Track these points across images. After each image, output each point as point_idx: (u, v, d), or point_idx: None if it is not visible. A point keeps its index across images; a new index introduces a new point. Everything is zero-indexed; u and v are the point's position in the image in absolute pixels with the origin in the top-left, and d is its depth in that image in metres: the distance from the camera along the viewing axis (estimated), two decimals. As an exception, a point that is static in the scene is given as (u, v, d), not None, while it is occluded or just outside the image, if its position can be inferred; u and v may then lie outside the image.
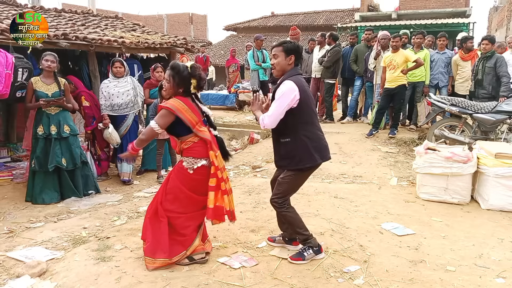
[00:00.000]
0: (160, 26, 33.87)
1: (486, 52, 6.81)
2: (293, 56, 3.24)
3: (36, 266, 3.27)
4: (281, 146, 3.28)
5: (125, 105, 6.12)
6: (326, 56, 8.53)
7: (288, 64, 3.25)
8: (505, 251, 3.57)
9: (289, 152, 3.24)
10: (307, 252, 3.38)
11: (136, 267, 3.27)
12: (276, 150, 3.36)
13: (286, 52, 3.22)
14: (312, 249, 3.38)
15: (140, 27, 8.88)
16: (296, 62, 3.28)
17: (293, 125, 3.19)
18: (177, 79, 3.25)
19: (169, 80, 3.27)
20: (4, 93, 4.98)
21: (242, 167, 6.72)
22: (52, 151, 5.26)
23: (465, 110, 6.16)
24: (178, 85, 3.27)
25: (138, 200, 5.30)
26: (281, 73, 3.29)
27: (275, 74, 3.36)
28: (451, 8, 21.45)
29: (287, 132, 3.22)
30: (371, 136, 7.52)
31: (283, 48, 3.23)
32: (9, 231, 4.25)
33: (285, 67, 3.25)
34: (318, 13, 27.19)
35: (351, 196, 5.01)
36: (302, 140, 3.21)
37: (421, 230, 4.02)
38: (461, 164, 4.64)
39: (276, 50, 3.27)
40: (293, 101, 3.13)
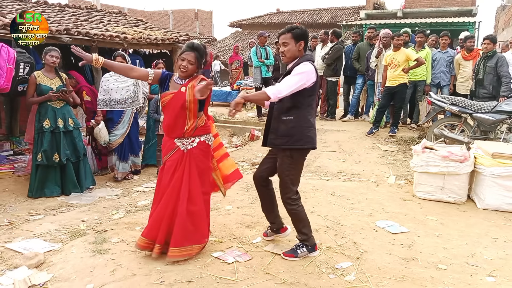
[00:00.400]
0: (166, 22, 33.95)
1: (487, 51, 6.80)
2: (303, 42, 3.20)
3: (34, 257, 3.33)
4: (281, 123, 3.22)
5: (123, 100, 6.02)
6: (328, 53, 8.54)
7: (299, 50, 3.21)
8: (498, 250, 3.59)
9: (289, 130, 3.19)
10: (300, 250, 3.39)
11: (131, 260, 3.32)
12: (274, 127, 3.27)
13: (296, 38, 3.18)
14: (306, 247, 3.39)
15: (143, 23, 8.93)
16: (305, 47, 3.26)
17: (300, 104, 3.18)
18: (201, 60, 3.33)
19: (194, 62, 3.28)
20: (5, 87, 5.04)
21: (242, 164, 6.76)
22: (61, 144, 5.35)
23: (465, 109, 6.16)
24: (200, 66, 3.36)
25: (137, 194, 5.36)
26: (291, 59, 3.24)
27: (284, 61, 3.30)
28: (457, 7, 21.34)
29: (291, 110, 3.18)
30: (371, 135, 7.54)
31: (293, 35, 3.17)
32: (9, 223, 4.32)
33: (295, 53, 3.21)
34: (324, 10, 27.14)
35: (348, 193, 5.04)
36: (304, 120, 3.21)
37: (416, 228, 4.05)
38: (457, 163, 4.65)
39: (285, 37, 3.20)
40: (309, 82, 3.13)
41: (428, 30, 16.71)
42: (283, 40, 3.21)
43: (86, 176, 5.70)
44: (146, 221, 4.10)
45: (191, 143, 3.36)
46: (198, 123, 3.34)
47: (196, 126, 3.33)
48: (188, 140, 3.36)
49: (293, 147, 3.24)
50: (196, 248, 3.35)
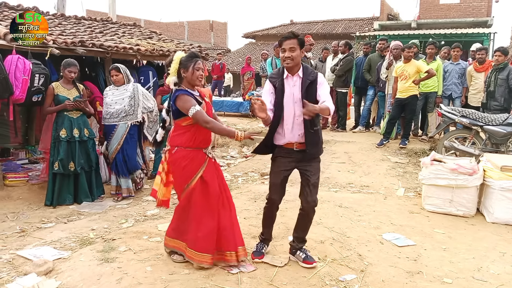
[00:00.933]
0: (181, 33, 34.42)
1: (498, 63, 6.75)
2: (303, 50, 3.36)
3: (43, 264, 3.41)
4: (314, 134, 3.30)
5: (115, 114, 5.70)
6: (339, 64, 8.59)
7: (301, 56, 3.30)
8: (505, 265, 3.55)
9: (319, 138, 3.37)
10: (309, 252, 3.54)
11: (137, 268, 3.38)
12: (311, 140, 3.29)
13: (301, 45, 3.23)
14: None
15: (157, 34, 9.10)
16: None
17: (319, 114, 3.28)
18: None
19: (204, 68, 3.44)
20: (21, 97, 5.20)
21: (251, 174, 6.81)
22: (77, 153, 5.50)
23: (475, 121, 6.12)
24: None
25: (147, 204, 5.43)
26: (296, 65, 3.23)
27: (291, 65, 3.22)
28: (472, 18, 21.18)
29: (317, 121, 3.33)
30: (382, 146, 7.52)
31: (298, 41, 3.20)
32: (21, 231, 4.43)
33: (299, 59, 3.27)
34: (337, 21, 27.17)
35: (355, 205, 5.04)
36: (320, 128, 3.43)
37: (422, 241, 4.03)
38: (466, 176, 4.62)
39: (293, 42, 3.17)
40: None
41: (443, 41, 16.68)
42: (291, 45, 3.17)
43: (97, 185, 5.84)
44: (155, 230, 4.20)
45: (212, 153, 3.57)
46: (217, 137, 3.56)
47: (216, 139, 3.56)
48: (211, 150, 3.57)
49: (320, 154, 3.45)
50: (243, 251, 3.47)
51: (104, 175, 6.31)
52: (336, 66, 8.64)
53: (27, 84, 5.21)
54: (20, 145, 7.30)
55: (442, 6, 23.06)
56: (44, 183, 5.85)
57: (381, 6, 23.84)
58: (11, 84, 5.12)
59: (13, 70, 5.15)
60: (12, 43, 5.33)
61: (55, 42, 5.79)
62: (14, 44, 5.33)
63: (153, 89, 7.86)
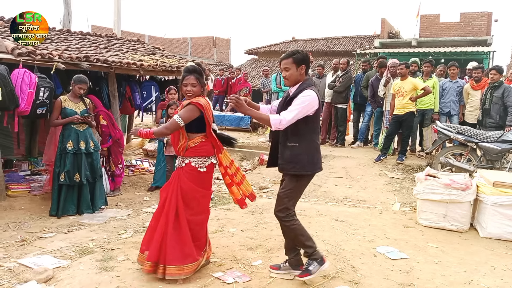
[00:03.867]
0: (185, 49, 34.90)
1: (494, 82, 6.89)
2: (304, 66, 3.27)
3: (43, 272, 3.50)
4: (287, 149, 3.30)
5: None
6: (337, 81, 8.76)
7: (300, 74, 3.28)
8: (496, 279, 3.61)
9: (295, 156, 3.28)
10: (312, 266, 3.36)
11: (135, 277, 3.46)
12: (281, 152, 3.35)
13: (297, 63, 3.24)
14: (316, 261, 3.38)
15: (160, 50, 9.30)
16: (306, 71, 3.33)
17: (303, 131, 3.26)
18: (202, 80, 3.50)
19: (196, 84, 3.45)
20: (26, 110, 5.35)
21: (250, 188, 6.89)
22: (83, 165, 5.63)
23: (471, 138, 6.23)
24: (202, 86, 3.52)
25: (146, 215, 5.52)
26: (294, 83, 3.31)
27: (287, 84, 3.36)
28: (472, 36, 21.45)
29: (295, 137, 3.27)
30: (379, 162, 7.61)
31: (294, 60, 3.24)
32: (22, 240, 4.52)
33: (297, 77, 3.28)
34: (338, 39, 27.53)
35: (351, 219, 5.11)
36: (307, 147, 3.30)
37: (415, 254, 4.09)
38: (459, 191, 4.70)
39: (286, 62, 3.26)
40: (313, 109, 3.23)
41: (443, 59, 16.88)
42: (285, 66, 3.27)
43: (100, 197, 5.93)
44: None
45: (181, 163, 3.51)
46: (189, 144, 3.45)
47: (187, 147, 3.45)
48: (180, 160, 3.54)
49: (299, 173, 3.33)
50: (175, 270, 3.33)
51: (105, 186, 6.41)
52: (334, 83, 8.82)
53: (33, 97, 5.36)
54: (23, 156, 7.43)
55: (442, 24, 23.38)
56: (46, 194, 5.96)
57: (382, 24, 24.20)
58: (17, 97, 5.27)
59: (19, 83, 5.31)
60: (19, 58, 5.50)
61: (60, 57, 5.96)
62: (21, 58, 5.50)
63: (155, 103, 8.03)
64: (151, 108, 8.25)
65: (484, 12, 22.35)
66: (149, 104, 8.08)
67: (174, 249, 3.36)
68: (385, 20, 24.17)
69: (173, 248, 3.36)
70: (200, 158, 3.49)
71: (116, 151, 6.68)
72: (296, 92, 3.27)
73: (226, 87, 14.96)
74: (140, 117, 9.49)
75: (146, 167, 8.29)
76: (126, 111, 8.31)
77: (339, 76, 8.83)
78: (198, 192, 3.50)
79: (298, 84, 3.31)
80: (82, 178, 5.61)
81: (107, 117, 6.59)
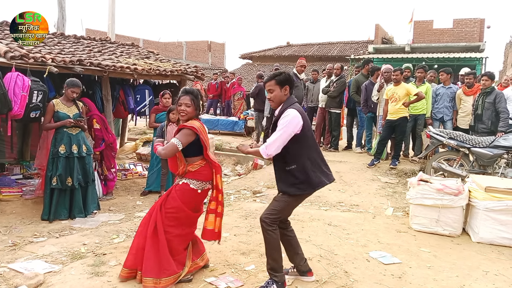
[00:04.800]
0: (180, 53, 34.87)
1: (485, 87, 6.95)
2: (288, 87, 3.29)
3: (34, 277, 3.46)
4: (285, 173, 3.28)
5: None
6: (331, 86, 8.80)
7: (284, 94, 3.29)
8: (488, 283, 3.63)
9: (295, 178, 3.25)
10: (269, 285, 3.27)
11: (126, 283, 3.43)
12: (281, 177, 3.33)
13: (280, 84, 3.27)
14: (276, 284, 3.26)
15: (154, 54, 9.30)
16: (290, 91, 3.34)
17: (298, 150, 3.23)
18: (197, 102, 3.49)
19: (190, 104, 3.45)
20: (19, 113, 5.32)
21: (243, 192, 6.89)
22: (75, 169, 5.60)
23: (463, 143, 6.27)
24: (197, 108, 3.51)
25: (139, 220, 5.49)
26: (278, 104, 3.33)
27: (273, 106, 3.37)
28: (465, 43, 21.65)
29: (292, 159, 3.24)
30: (373, 166, 7.64)
31: (277, 81, 3.27)
32: (13, 244, 4.48)
33: (281, 98, 3.30)
34: (333, 44, 27.68)
35: (344, 224, 5.12)
36: (305, 165, 3.25)
37: (408, 259, 4.10)
38: (452, 196, 4.73)
39: (270, 84, 3.30)
40: (297, 127, 3.18)
41: (436, 65, 17.00)
42: (269, 88, 3.31)
43: (92, 201, 5.90)
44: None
45: (179, 182, 3.53)
46: (188, 169, 3.47)
47: (186, 171, 3.48)
48: (179, 179, 3.56)
49: (304, 193, 3.35)
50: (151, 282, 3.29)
51: (98, 190, 6.38)
52: (327, 88, 8.86)
53: (26, 100, 5.34)
54: (15, 160, 7.38)
55: (436, 30, 23.57)
56: (38, 198, 5.92)
57: (376, 30, 24.35)
58: (10, 100, 5.24)
59: (12, 86, 5.29)
60: (11, 61, 5.48)
61: (53, 60, 5.94)
62: (14, 62, 5.48)
63: (148, 107, 8.03)
64: (144, 112, 8.25)
65: (476, 19, 22.56)
66: (142, 108, 8.09)
67: (149, 261, 3.35)
68: (379, 26, 24.32)
69: (149, 260, 3.36)
70: (199, 181, 3.50)
71: (108, 155, 6.66)
72: (279, 113, 3.28)
73: (220, 91, 14.99)
74: (134, 121, 9.47)
75: (139, 171, 8.27)
76: (120, 115, 8.30)
77: (333, 81, 8.87)
78: (184, 211, 3.46)
79: (281, 105, 3.32)
80: (74, 182, 5.59)
81: (101, 121, 6.57)
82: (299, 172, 3.24)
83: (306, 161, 3.26)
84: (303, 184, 3.26)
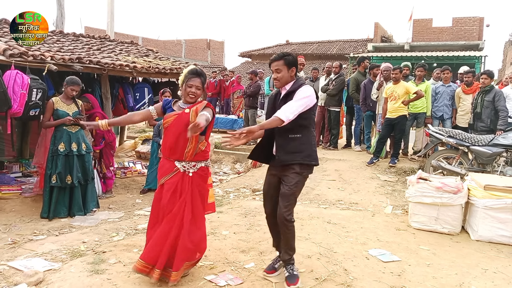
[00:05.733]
0: (179, 51, 34.86)
1: (485, 86, 6.96)
2: (294, 68, 3.32)
3: (34, 275, 3.46)
4: (289, 141, 3.29)
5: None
6: (330, 84, 8.80)
7: (291, 76, 3.32)
8: (487, 281, 3.64)
9: (298, 146, 3.28)
10: (296, 271, 3.43)
11: (126, 280, 3.44)
12: (281, 145, 3.32)
13: (288, 65, 3.29)
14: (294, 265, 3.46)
15: (154, 52, 9.29)
16: (295, 74, 3.37)
17: (305, 123, 3.29)
18: (204, 85, 3.49)
19: (201, 87, 3.41)
20: (18, 111, 5.32)
21: (243, 190, 6.90)
22: (74, 167, 5.60)
23: (462, 142, 6.28)
24: (204, 90, 3.53)
25: (138, 218, 5.50)
26: (284, 84, 3.34)
27: (278, 86, 3.39)
28: (464, 41, 21.69)
29: (298, 129, 3.28)
30: (372, 164, 7.65)
31: (285, 61, 3.28)
32: (13, 242, 4.48)
33: (288, 79, 3.33)
34: (332, 42, 27.69)
35: (344, 222, 5.13)
36: (310, 137, 3.35)
37: (407, 257, 4.11)
38: (451, 194, 4.73)
39: (278, 64, 3.29)
40: (312, 102, 3.27)
41: (435, 63, 17.02)
42: (276, 67, 3.30)
43: (91, 199, 5.91)
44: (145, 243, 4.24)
45: (193, 167, 3.40)
46: (199, 147, 3.38)
47: (197, 150, 3.36)
48: (190, 164, 3.39)
49: (304, 162, 3.33)
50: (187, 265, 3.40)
51: (97, 188, 6.38)
52: (327, 86, 8.86)
53: (25, 98, 5.34)
54: (14, 158, 7.38)
55: (435, 29, 23.61)
56: (37, 196, 5.92)
57: (375, 28, 24.38)
58: (9, 98, 5.24)
59: (12, 84, 5.28)
60: (10, 59, 5.47)
61: (52, 58, 5.93)
62: (13, 60, 5.47)
63: (148, 105, 8.02)
64: (144, 110, 8.23)
65: (476, 17, 22.60)
66: (142, 106, 8.09)
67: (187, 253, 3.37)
68: (378, 24, 24.36)
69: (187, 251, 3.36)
70: (207, 161, 3.53)
71: (108, 153, 6.66)
72: (294, 87, 3.30)
73: (219, 90, 15.00)
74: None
75: (138, 169, 8.27)
76: (119, 113, 8.29)
77: (332, 80, 8.87)
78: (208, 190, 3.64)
79: (293, 82, 3.35)
80: (73, 180, 5.59)
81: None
82: (302, 141, 3.31)
83: (309, 135, 3.36)
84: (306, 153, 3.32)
